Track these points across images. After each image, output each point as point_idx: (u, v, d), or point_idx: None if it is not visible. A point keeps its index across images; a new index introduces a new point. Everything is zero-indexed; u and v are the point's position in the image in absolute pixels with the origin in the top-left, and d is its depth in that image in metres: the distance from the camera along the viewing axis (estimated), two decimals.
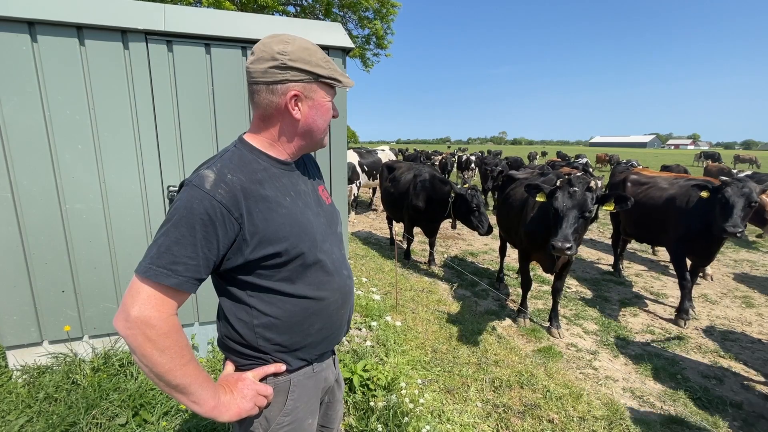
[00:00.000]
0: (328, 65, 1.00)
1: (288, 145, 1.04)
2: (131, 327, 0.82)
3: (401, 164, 6.40)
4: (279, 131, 1.02)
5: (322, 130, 1.06)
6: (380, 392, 2.54)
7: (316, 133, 1.05)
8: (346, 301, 1.13)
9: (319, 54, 0.99)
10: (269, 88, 0.96)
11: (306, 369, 1.09)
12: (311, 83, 0.99)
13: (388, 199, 6.21)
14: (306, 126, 1.02)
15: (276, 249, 0.95)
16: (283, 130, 1.02)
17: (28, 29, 2.23)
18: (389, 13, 13.92)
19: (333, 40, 2.80)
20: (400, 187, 5.74)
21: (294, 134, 1.03)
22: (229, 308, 1.01)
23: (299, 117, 1.00)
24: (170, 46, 2.50)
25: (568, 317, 4.17)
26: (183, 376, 0.85)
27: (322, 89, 1.01)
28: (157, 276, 0.84)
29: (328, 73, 1.00)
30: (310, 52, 0.98)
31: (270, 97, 0.97)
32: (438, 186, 5.23)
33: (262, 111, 0.99)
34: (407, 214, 5.63)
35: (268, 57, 0.94)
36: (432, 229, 5.58)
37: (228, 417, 0.93)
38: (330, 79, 1.01)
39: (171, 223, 0.86)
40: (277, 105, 0.97)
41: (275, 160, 1.03)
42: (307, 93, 0.99)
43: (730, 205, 3.51)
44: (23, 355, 2.58)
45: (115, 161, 2.50)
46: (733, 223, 3.47)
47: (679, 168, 9.30)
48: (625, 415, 2.62)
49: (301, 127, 1.02)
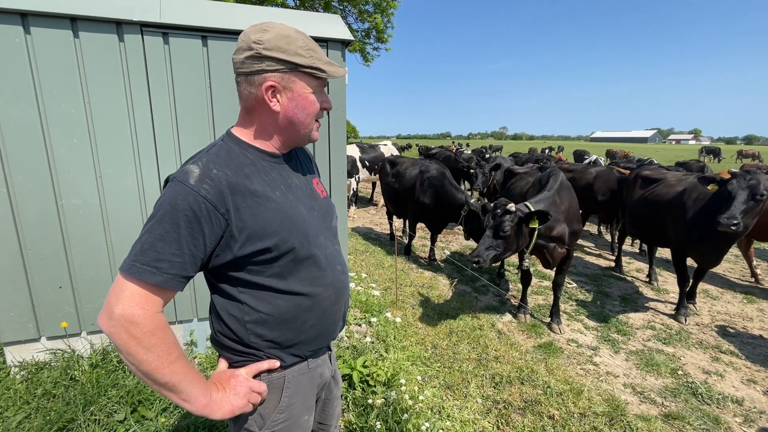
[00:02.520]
0: (309, 53, 0.93)
1: (273, 138, 1.01)
2: (115, 325, 0.80)
3: (404, 159, 6.31)
4: (261, 124, 0.99)
5: (305, 123, 0.99)
6: (380, 388, 2.52)
7: (298, 126, 0.99)
8: (339, 297, 1.11)
9: (299, 42, 0.92)
10: (248, 80, 0.93)
11: (300, 365, 1.07)
12: (289, 73, 0.93)
13: (390, 195, 6.12)
14: (286, 119, 0.97)
15: (265, 244, 0.92)
16: (265, 123, 0.99)
17: (21, 21, 2.19)
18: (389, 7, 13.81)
19: (331, 33, 2.76)
20: (405, 182, 5.63)
21: (275, 127, 0.99)
22: (220, 304, 0.99)
23: (278, 109, 0.95)
24: (166, 39, 2.46)
25: (568, 313, 4.15)
26: (171, 373, 0.83)
27: (302, 80, 0.95)
28: (140, 273, 0.82)
29: (308, 62, 0.93)
30: (288, 40, 0.91)
31: (249, 89, 0.94)
32: (449, 188, 5.10)
33: (245, 103, 0.97)
34: (412, 210, 5.54)
35: (245, 47, 0.91)
36: (437, 227, 5.48)
37: (221, 414, 0.91)
38: (310, 68, 0.93)
39: (155, 220, 0.84)
40: (256, 97, 0.94)
41: (264, 153, 1.00)
42: (286, 84, 0.93)
43: (732, 197, 3.27)
44: (21, 352, 2.57)
45: (111, 156, 2.47)
46: (728, 215, 3.18)
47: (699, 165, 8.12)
48: (626, 410, 2.61)
49: (282, 120, 0.97)
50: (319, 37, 2.70)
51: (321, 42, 2.73)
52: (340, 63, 2.83)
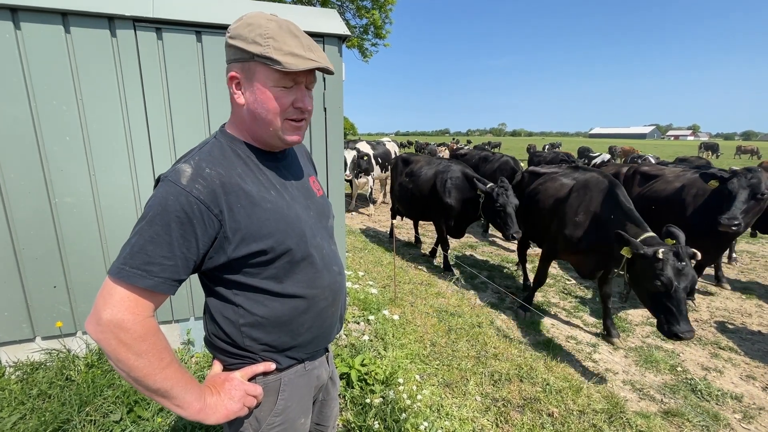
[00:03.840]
0: (267, 42, 0.84)
1: (251, 134, 0.96)
2: (103, 331, 0.78)
3: (418, 157, 5.82)
4: (237, 118, 0.97)
5: (269, 121, 0.91)
6: (378, 387, 2.51)
7: (262, 123, 0.91)
8: (336, 299, 1.08)
9: (260, 29, 0.84)
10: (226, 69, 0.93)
11: (297, 367, 1.05)
12: (248, 63, 0.87)
13: (403, 196, 5.59)
14: (250, 113, 0.91)
15: (261, 246, 0.90)
16: (237, 117, 0.96)
17: (10, 16, 2.15)
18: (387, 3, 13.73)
19: (328, 27, 2.72)
20: (420, 183, 5.22)
21: (246, 122, 0.94)
22: (215, 307, 0.97)
23: (242, 102, 0.91)
24: (160, 34, 2.42)
25: (567, 310, 4.15)
26: (163, 379, 0.81)
27: (262, 71, 0.87)
28: (130, 277, 0.79)
29: (261, 51, 0.84)
30: (251, 28, 0.85)
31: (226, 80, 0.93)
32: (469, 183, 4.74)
33: None
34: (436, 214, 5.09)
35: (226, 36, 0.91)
36: (460, 229, 5.06)
37: (215, 419, 0.88)
38: (262, 57, 0.84)
39: (145, 221, 0.81)
40: (228, 88, 0.93)
41: (258, 151, 0.97)
42: (247, 75, 0.88)
43: (732, 196, 3.24)
44: (16, 352, 2.55)
45: (104, 153, 2.44)
46: (729, 215, 3.15)
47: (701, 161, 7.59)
48: (625, 408, 2.61)
49: (246, 115, 0.92)
50: (315, 32, 2.66)
51: (317, 37, 2.69)
52: (337, 59, 2.79)
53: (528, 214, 4.25)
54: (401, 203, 5.80)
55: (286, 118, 0.92)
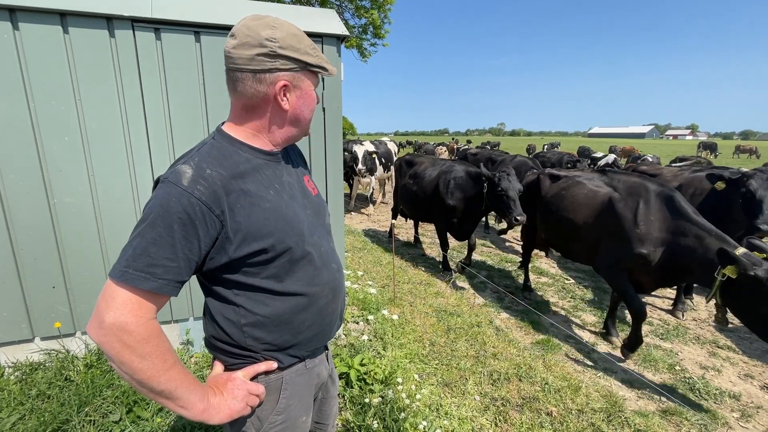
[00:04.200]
0: (315, 53, 0.96)
1: (274, 136, 1.00)
2: (106, 334, 0.78)
3: (423, 159, 5.71)
4: (265, 122, 0.97)
5: (308, 119, 1.03)
6: (377, 387, 2.51)
7: (303, 123, 1.02)
8: (336, 296, 1.09)
9: (306, 41, 0.95)
10: (256, 77, 0.90)
11: (298, 366, 1.06)
12: (299, 72, 0.94)
13: (408, 198, 5.48)
14: (294, 116, 0.99)
15: (261, 245, 0.90)
16: (270, 121, 0.97)
17: (9, 16, 2.14)
18: (386, 2, 13.72)
19: (327, 28, 2.72)
20: (425, 184, 5.10)
21: (282, 125, 0.99)
22: (215, 307, 0.97)
23: (288, 108, 0.95)
24: (158, 34, 2.41)
25: (566, 309, 4.16)
26: (167, 381, 0.81)
27: (308, 78, 0.97)
28: (133, 280, 0.79)
29: (316, 62, 0.96)
30: (298, 39, 0.93)
31: (256, 87, 0.90)
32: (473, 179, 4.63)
33: (246, 101, 0.93)
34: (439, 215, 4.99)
35: (254, 43, 0.87)
36: (466, 231, 4.91)
37: (219, 419, 0.89)
38: (318, 67, 0.97)
39: (147, 223, 0.81)
40: (264, 95, 0.92)
41: (258, 151, 0.98)
42: (296, 82, 0.95)
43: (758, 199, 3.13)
44: (15, 352, 2.54)
45: (103, 154, 2.43)
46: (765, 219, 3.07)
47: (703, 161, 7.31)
48: (623, 406, 2.61)
49: (289, 118, 0.98)
50: (314, 33, 2.66)
51: (316, 37, 2.69)
52: (336, 59, 2.79)
53: (550, 221, 3.93)
54: (405, 205, 5.70)
55: None
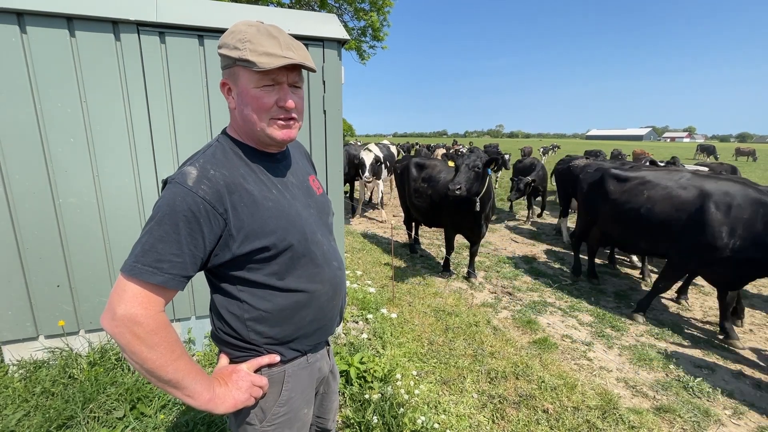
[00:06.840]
0: (244, 45, 0.89)
1: (247, 136, 1.01)
2: (118, 325, 0.82)
3: (434, 162, 5.51)
4: (235, 123, 1.02)
5: (254, 120, 0.95)
6: (377, 384, 2.56)
7: (250, 123, 0.96)
8: (337, 293, 1.13)
9: (240, 35, 0.89)
10: None
11: (300, 359, 1.10)
12: (232, 68, 0.93)
13: (420, 203, 5.29)
14: (240, 115, 0.97)
15: (263, 243, 0.95)
16: (235, 121, 1.02)
17: (17, 20, 2.19)
18: (385, 5, 13.78)
19: (327, 32, 2.78)
20: (440, 188, 4.87)
21: (240, 125, 1.00)
22: (220, 302, 1.01)
23: (233, 106, 0.99)
24: (163, 38, 2.46)
25: (563, 309, 4.20)
26: (175, 371, 0.85)
27: (244, 75, 0.92)
28: (142, 274, 0.83)
29: (239, 55, 0.89)
30: (232, 35, 0.91)
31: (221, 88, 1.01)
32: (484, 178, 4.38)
33: None
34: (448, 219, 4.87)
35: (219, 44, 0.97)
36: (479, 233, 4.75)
37: (224, 409, 0.93)
38: (239, 60, 0.89)
39: (155, 221, 0.86)
40: None
41: (258, 152, 1.03)
42: (233, 80, 0.95)
43: None
44: (19, 350, 2.58)
45: (108, 155, 2.48)
46: None
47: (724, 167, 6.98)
48: (618, 404, 2.66)
49: (238, 117, 0.98)
50: (314, 36, 2.71)
51: (316, 41, 2.74)
52: (336, 63, 2.84)
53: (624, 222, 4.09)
54: (417, 210, 5.46)
55: (271, 117, 0.95)
